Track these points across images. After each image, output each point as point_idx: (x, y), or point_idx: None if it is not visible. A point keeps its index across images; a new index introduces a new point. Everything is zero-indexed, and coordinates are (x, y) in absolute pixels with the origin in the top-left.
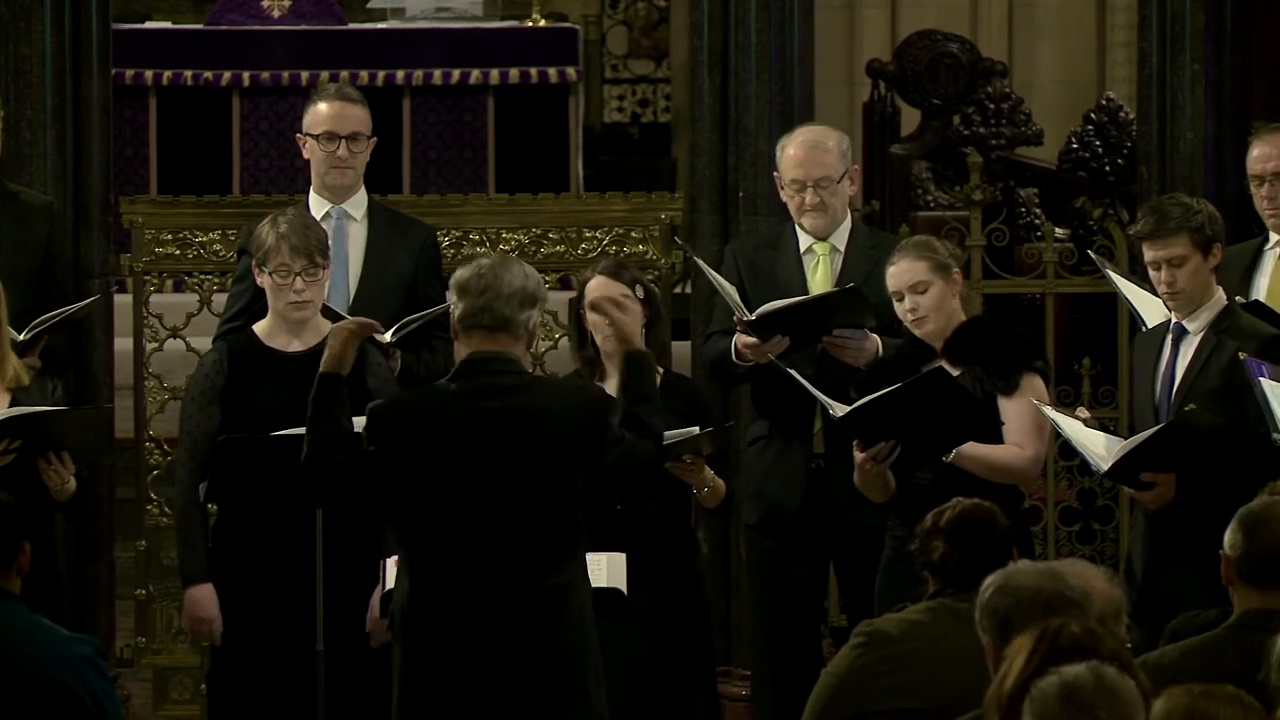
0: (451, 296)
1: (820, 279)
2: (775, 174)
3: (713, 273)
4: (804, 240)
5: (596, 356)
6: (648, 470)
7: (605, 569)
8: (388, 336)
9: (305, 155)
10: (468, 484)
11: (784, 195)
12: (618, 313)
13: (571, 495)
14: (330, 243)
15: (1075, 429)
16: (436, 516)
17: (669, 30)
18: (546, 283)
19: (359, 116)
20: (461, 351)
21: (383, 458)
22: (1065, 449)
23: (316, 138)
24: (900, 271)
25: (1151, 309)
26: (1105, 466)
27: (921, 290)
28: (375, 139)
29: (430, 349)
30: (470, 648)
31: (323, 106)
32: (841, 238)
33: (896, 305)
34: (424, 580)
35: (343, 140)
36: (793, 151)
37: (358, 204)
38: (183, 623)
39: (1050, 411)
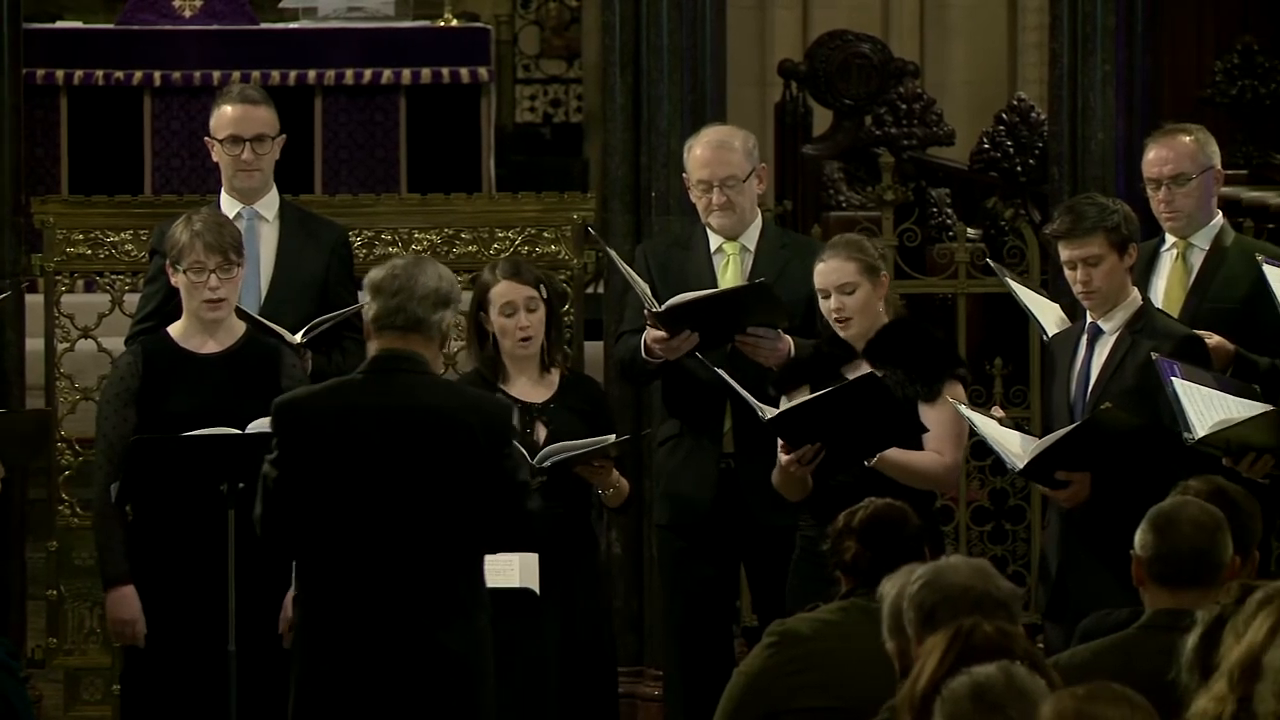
0: (365, 296)
1: (730, 278)
2: (684, 174)
3: (624, 265)
4: (714, 240)
5: (497, 356)
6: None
7: (517, 568)
8: (298, 338)
9: (214, 158)
10: (366, 479)
11: (692, 195)
12: None
13: (467, 502)
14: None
15: (991, 428)
16: (333, 511)
17: (580, 30)
18: (459, 282)
19: (263, 118)
20: (374, 351)
21: (285, 452)
22: (978, 449)
23: (221, 141)
24: (829, 270)
25: (1050, 316)
26: (1020, 465)
27: (849, 291)
28: (284, 137)
29: (342, 350)
30: (363, 648)
31: (226, 109)
32: (752, 237)
33: (822, 302)
34: (320, 579)
35: (247, 143)
36: (699, 152)
37: (269, 205)
38: (107, 624)
39: (967, 410)
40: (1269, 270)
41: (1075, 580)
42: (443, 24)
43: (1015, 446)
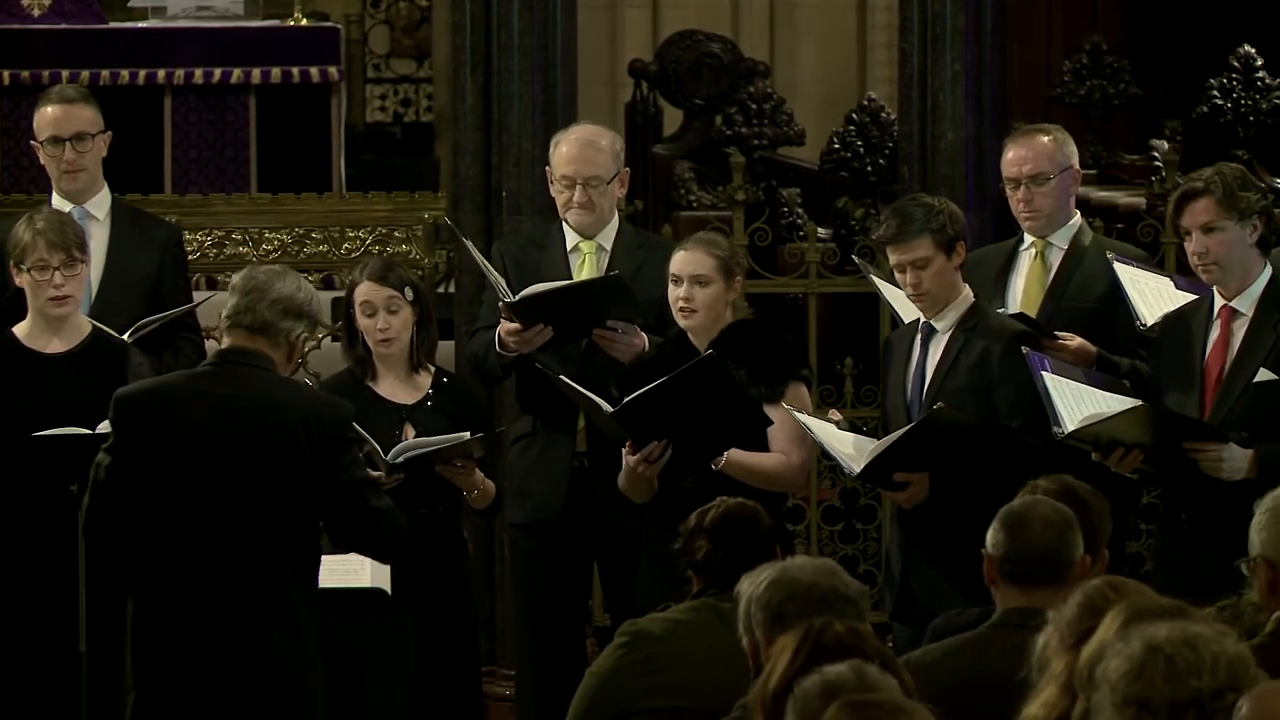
0: (218, 295)
1: (586, 277)
2: (547, 168)
3: (479, 256)
4: (571, 238)
5: (367, 356)
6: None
7: (369, 568)
8: (125, 337)
9: (41, 161)
10: (202, 475)
11: (553, 190)
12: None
13: (303, 499)
14: None
15: (827, 432)
16: (168, 504)
17: (431, 30)
18: (309, 280)
19: (82, 116)
20: (223, 346)
21: (121, 444)
22: (827, 449)
23: (43, 144)
24: (687, 259)
25: (912, 310)
26: (858, 468)
27: (702, 283)
28: (108, 134)
29: (174, 350)
30: (196, 647)
31: (45, 111)
32: (608, 237)
33: (671, 289)
34: (153, 575)
35: (67, 143)
36: (565, 149)
37: (100, 204)
38: None
39: (802, 416)
40: (1119, 267)
41: (919, 581)
42: (292, 23)
43: (851, 449)
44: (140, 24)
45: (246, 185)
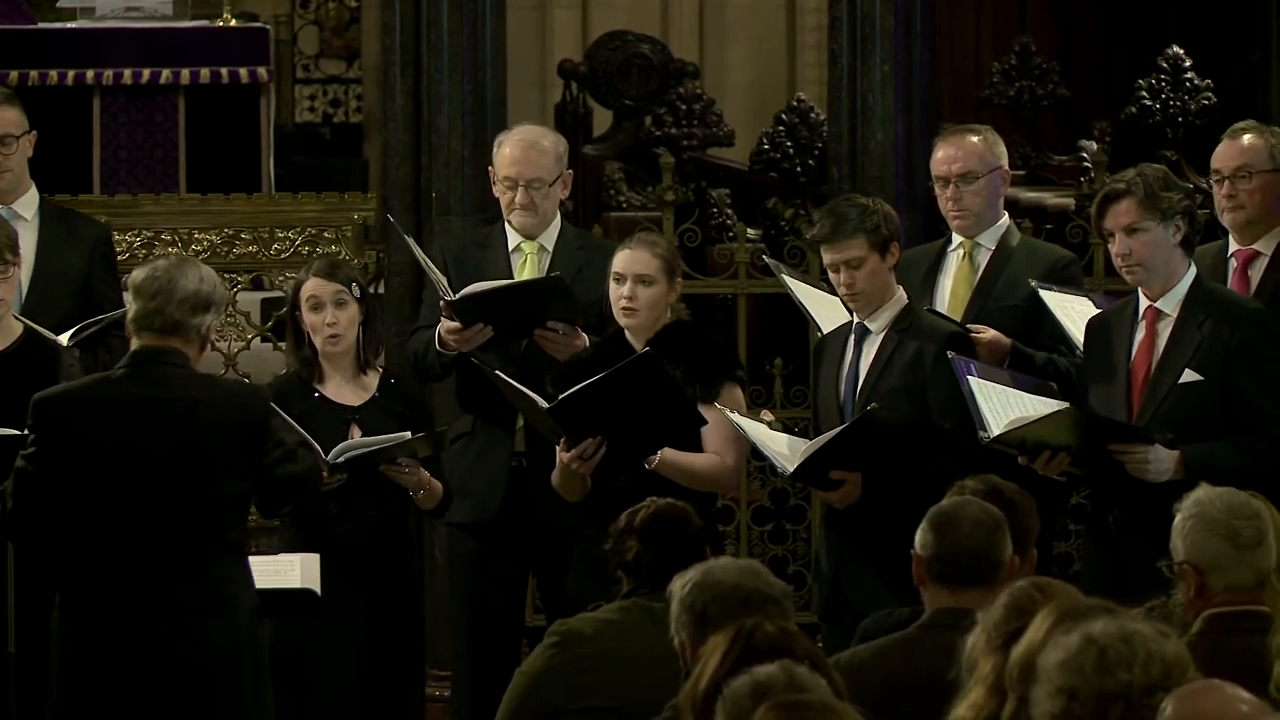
0: (128, 297)
1: (527, 277)
2: (490, 169)
3: (420, 253)
4: (513, 239)
5: (314, 357)
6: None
7: (299, 569)
8: (64, 339)
9: None
10: (126, 470)
11: (496, 191)
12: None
13: (230, 493)
14: None
15: (760, 432)
16: (92, 506)
17: (360, 30)
18: (239, 283)
19: (6, 118)
20: (134, 347)
21: (43, 446)
22: (757, 449)
23: None
24: (631, 258)
25: (828, 310)
26: (791, 468)
27: (646, 283)
28: (33, 134)
29: (108, 348)
30: (122, 644)
31: None
32: (550, 237)
33: (613, 287)
34: (80, 574)
35: None
36: (508, 150)
37: (27, 204)
38: None
39: (735, 416)
40: (1046, 296)
41: (850, 581)
42: (221, 24)
43: (785, 449)
44: (69, 24)
45: (176, 186)
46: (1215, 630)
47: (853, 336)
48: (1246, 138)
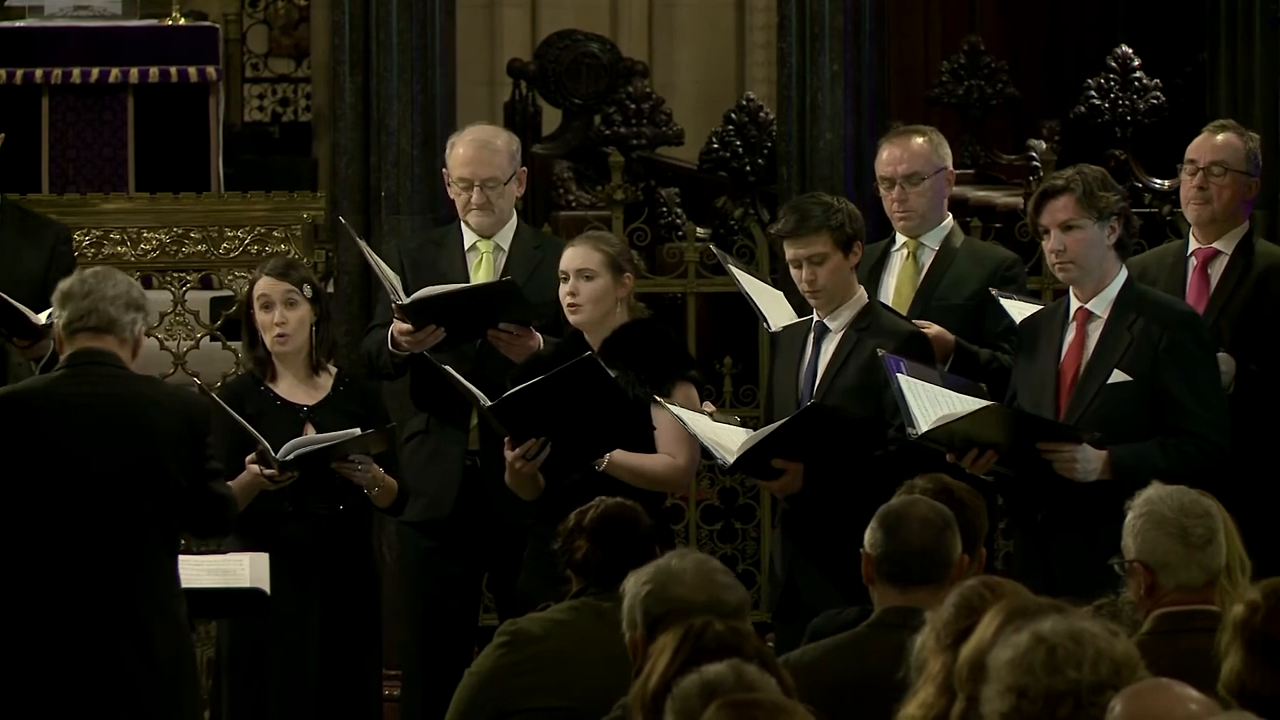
0: (55, 309)
1: (483, 276)
2: (444, 170)
3: (371, 255)
4: (469, 238)
5: (267, 357)
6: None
7: (248, 569)
8: (43, 317)
9: None
10: (69, 477)
11: (451, 192)
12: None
13: (171, 493)
14: None
15: (702, 424)
16: (36, 510)
17: (309, 29)
18: (188, 282)
19: None
20: (68, 352)
21: None
22: (708, 450)
23: None
24: (572, 255)
25: (777, 305)
26: (731, 460)
27: (587, 277)
28: (1, 135)
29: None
30: (62, 643)
31: None
32: (506, 237)
33: (561, 286)
34: (24, 575)
35: None
36: (462, 150)
37: None
38: None
39: (674, 408)
40: (1005, 303)
41: (804, 580)
42: (170, 23)
43: (726, 440)
44: (18, 23)
45: (125, 185)
46: (1165, 629)
47: (812, 334)
48: (1227, 135)
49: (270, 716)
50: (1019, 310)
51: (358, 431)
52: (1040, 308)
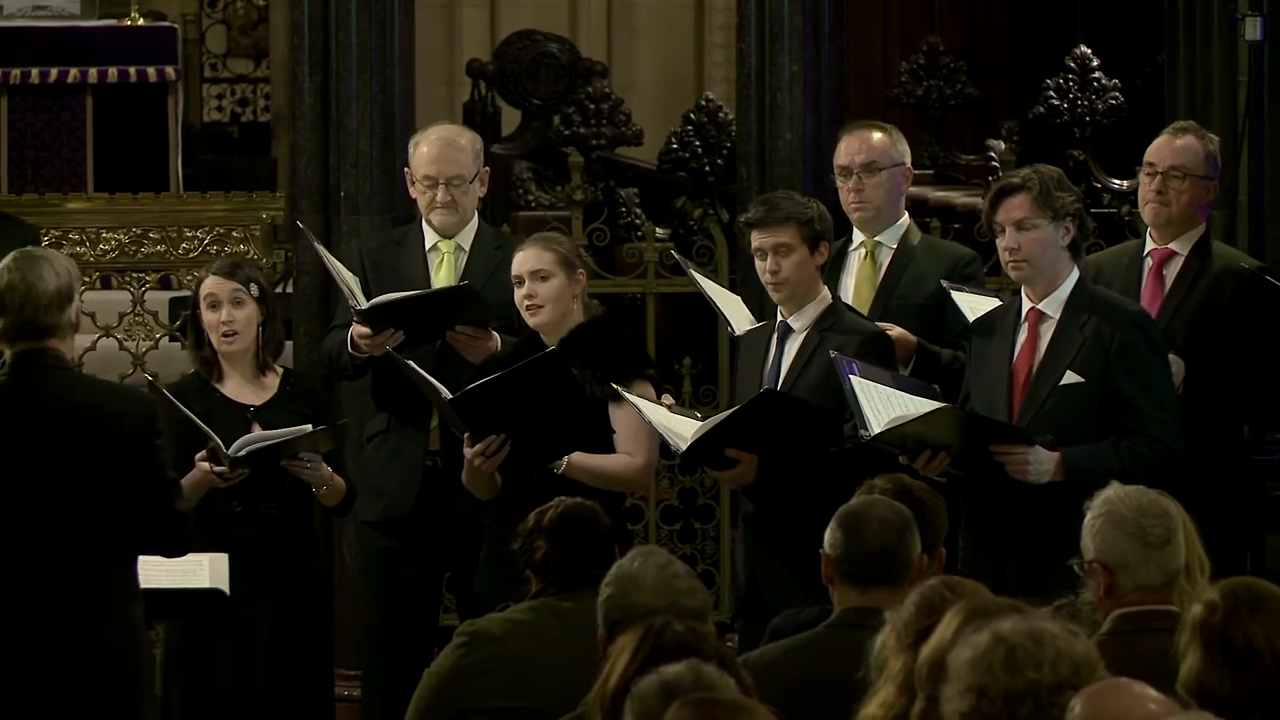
0: None
1: (444, 277)
2: (406, 170)
3: (329, 259)
4: (430, 238)
5: (214, 357)
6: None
7: (207, 569)
8: None
9: None
10: (19, 480)
11: (414, 191)
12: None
13: (123, 494)
14: None
15: (658, 414)
16: None
17: (268, 29)
18: (147, 282)
19: None
20: (10, 354)
21: None
22: (667, 448)
23: None
24: (525, 257)
25: (737, 311)
26: (684, 446)
27: (543, 278)
28: None
29: None
30: (30, 650)
31: None
32: (467, 237)
33: (516, 291)
34: None
35: None
36: (426, 149)
37: None
38: None
39: (631, 397)
40: (956, 296)
41: (766, 580)
42: (129, 23)
43: (682, 430)
44: None
45: (83, 185)
46: (1124, 629)
47: (775, 335)
48: (1187, 139)
49: (219, 716)
50: (970, 303)
51: (309, 428)
52: (994, 301)
